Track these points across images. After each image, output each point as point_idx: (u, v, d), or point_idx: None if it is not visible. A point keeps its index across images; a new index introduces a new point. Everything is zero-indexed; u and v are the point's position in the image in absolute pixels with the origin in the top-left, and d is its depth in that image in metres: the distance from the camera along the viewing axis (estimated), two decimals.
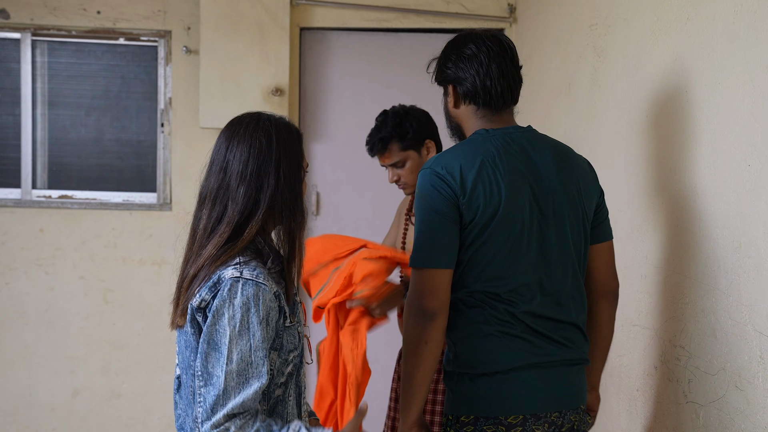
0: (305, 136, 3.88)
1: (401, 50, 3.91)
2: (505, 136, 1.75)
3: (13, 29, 3.79)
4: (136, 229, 3.84)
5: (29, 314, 3.81)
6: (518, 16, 3.81)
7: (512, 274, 1.68)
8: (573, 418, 1.75)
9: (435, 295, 1.66)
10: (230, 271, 1.47)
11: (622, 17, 2.41)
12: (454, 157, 1.71)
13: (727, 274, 1.71)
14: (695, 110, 1.89)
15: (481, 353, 1.70)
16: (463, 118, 1.84)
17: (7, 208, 3.79)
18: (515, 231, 1.68)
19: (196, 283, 1.50)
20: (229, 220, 1.51)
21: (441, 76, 1.87)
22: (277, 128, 1.57)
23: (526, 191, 1.70)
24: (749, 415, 1.62)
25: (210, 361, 1.44)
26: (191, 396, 1.55)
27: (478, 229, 1.67)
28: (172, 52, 3.83)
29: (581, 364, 1.78)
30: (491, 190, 1.67)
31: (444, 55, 1.86)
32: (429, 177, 1.70)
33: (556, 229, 1.73)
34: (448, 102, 1.86)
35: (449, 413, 1.75)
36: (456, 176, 1.67)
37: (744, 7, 1.67)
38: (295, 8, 3.77)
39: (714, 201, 1.79)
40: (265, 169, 1.52)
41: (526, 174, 1.71)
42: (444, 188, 1.67)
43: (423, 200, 1.69)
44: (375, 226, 3.89)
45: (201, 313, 1.48)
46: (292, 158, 1.56)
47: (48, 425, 3.84)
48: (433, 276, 1.66)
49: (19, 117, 3.82)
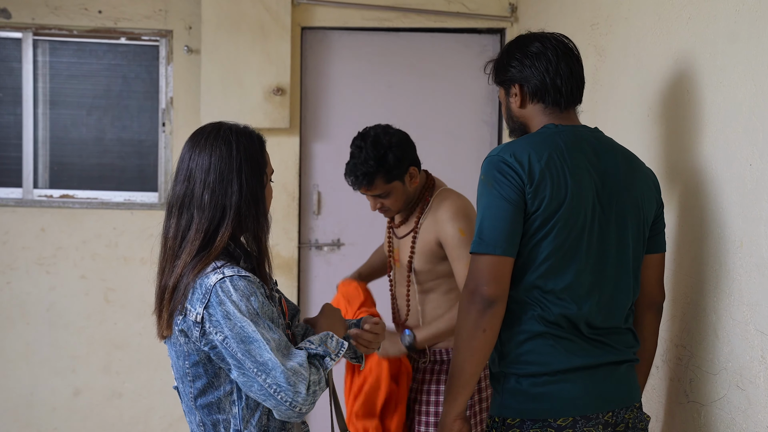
0: (306, 136, 3.88)
1: (402, 50, 3.91)
2: (574, 133, 1.73)
3: (14, 29, 3.80)
4: (137, 229, 3.85)
5: (30, 314, 3.81)
6: (519, 15, 3.81)
7: (569, 273, 1.66)
8: (628, 417, 1.73)
9: (497, 282, 1.62)
10: (212, 276, 1.51)
11: (624, 16, 2.40)
12: (524, 147, 1.67)
13: (729, 273, 1.71)
14: (696, 110, 1.89)
15: (530, 354, 1.67)
16: (529, 117, 1.81)
17: (9, 208, 3.80)
18: (576, 228, 1.65)
19: (178, 294, 1.53)
20: (197, 227, 1.55)
21: (504, 75, 1.82)
22: (237, 136, 1.60)
23: (591, 190, 1.68)
24: (751, 414, 1.62)
25: (253, 354, 1.46)
26: (192, 402, 1.59)
27: (540, 220, 1.64)
28: (173, 52, 3.83)
29: (630, 362, 1.76)
30: (558, 183, 1.64)
31: (507, 54, 1.82)
32: (496, 164, 1.66)
33: (617, 232, 1.70)
34: (512, 102, 1.82)
35: (495, 415, 1.72)
36: (525, 165, 1.64)
37: (745, 7, 1.67)
38: (296, 8, 3.77)
39: (715, 200, 1.78)
40: (227, 175, 1.56)
41: (592, 173, 1.69)
42: (512, 175, 1.64)
43: (489, 186, 1.65)
44: (375, 226, 3.89)
45: (198, 326, 1.50)
46: (253, 164, 1.60)
47: (49, 425, 3.84)
48: (497, 263, 1.62)
49: (21, 116, 3.82)
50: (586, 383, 1.67)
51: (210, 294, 1.49)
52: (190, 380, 1.57)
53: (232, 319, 1.47)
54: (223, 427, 1.57)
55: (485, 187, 1.67)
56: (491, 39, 3.95)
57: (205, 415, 1.58)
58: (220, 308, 1.48)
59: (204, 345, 1.51)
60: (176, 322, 1.53)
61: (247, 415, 1.55)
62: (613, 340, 1.72)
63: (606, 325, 1.71)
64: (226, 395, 1.56)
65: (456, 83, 3.93)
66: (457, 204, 2.38)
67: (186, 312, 1.51)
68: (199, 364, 1.55)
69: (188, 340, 1.53)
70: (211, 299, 1.49)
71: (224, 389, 1.56)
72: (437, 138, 3.92)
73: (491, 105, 3.96)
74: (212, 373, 1.55)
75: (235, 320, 1.47)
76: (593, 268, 1.68)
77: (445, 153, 3.92)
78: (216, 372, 1.55)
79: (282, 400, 1.46)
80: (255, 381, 1.46)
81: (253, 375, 1.46)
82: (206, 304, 1.49)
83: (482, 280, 1.62)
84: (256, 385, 1.47)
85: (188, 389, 1.58)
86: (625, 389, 1.74)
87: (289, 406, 1.46)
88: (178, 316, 1.52)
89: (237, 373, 1.48)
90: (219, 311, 1.48)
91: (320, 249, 3.92)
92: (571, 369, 1.66)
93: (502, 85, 1.85)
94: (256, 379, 1.46)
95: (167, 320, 1.55)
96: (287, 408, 1.47)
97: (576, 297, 1.67)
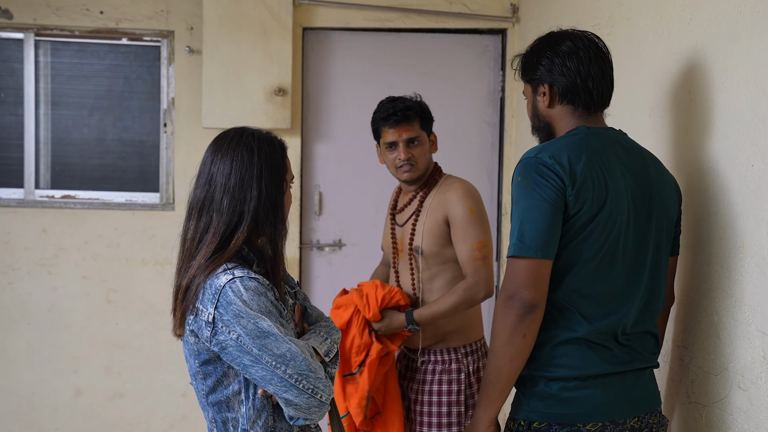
0: (308, 136, 3.88)
1: (404, 50, 3.91)
2: (606, 136, 1.70)
3: (16, 29, 3.80)
4: (138, 229, 3.85)
5: (32, 314, 3.82)
6: (521, 16, 3.81)
7: (608, 277, 1.63)
8: (652, 421, 1.73)
9: (538, 286, 1.58)
10: (223, 277, 1.53)
11: (625, 17, 2.40)
12: (560, 149, 1.63)
13: (730, 274, 1.71)
14: (698, 110, 1.89)
15: (562, 358, 1.64)
16: (556, 118, 1.76)
17: (10, 208, 3.80)
18: (614, 232, 1.63)
19: (190, 294, 1.56)
20: (215, 230, 1.58)
21: (533, 73, 1.77)
22: (259, 142, 1.63)
23: (626, 193, 1.65)
24: (752, 415, 1.62)
25: (270, 347, 1.50)
26: (204, 399, 1.62)
27: (580, 223, 1.61)
28: (174, 52, 3.84)
29: (652, 368, 1.76)
30: (599, 185, 1.61)
31: (537, 52, 1.76)
32: (534, 165, 1.61)
33: (651, 235, 1.68)
34: (539, 101, 1.77)
35: (520, 418, 1.69)
36: (565, 166, 1.60)
37: (747, 7, 1.67)
38: (297, 8, 3.77)
39: (717, 201, 1.78)
40: (247, 181, 1.59)
41: (626, 175, 1.67)
42: (552, 177, 1.59)
43: (528, 188, 1.60)
44: (377, 226, 3.89)
45: (210, 326, 1.53)
46: (273, 171, 1.62)
47: (51, 425, 3.84)
48: (538, 266, 1.58)
49: (22, 117, 3.83)
50: (616, 389, 1.66)
51: (219, 294, 1.51)
52: (201, 378, 1.60)
53: (245, 317, 1.49)
54: (231, 425, 1.60)
55: (523, 189, 1.61)
56: (493, 39, 3.95)
57: (216, 413, 1.61)
58: (231, 308, 1.50)
59: (213, 345, 1.53)
60: (188, 322, 1.56)
61: (253, 416, 1.57)
62: (640, 345, 1.71)
63: (637, 330, 1.70)
64: (235, 394, 1.58)
65: (457, 84, 3.93)
66: (466, 185, 2.45)
67: (197, 312, 1.54)
68: (209, 363, 1.58)
69: (198, 339, 1.56)
70: (220, 299, 1.51)
71: (233, 388, 1.58)
72: (438, 138, 3.91)
73: (492, 106, 3.96)
74: (221, 372, 1.58)
75: (248, 318, 1.49)
76: (630, 271, 1.66)
77: (446, 153, 3.91)
78: (225, 371, 1.57)
79: (305, 388, 1.49)
80: (274, 374, 1.49)
81: (272, 368, 1.49)
82: (216, 305, 1.51)
83: (522, 284, 1.58)
84: (275, 378, 1.49)
85: (200, 386, 1.62)
86: (650, 394, 1.73)
87: (312, 393, 1.50)
88: (190, 315, 1.55)
89: (255, 369, 1.50)
90: (229, 311, 1.50)
91: (321, 249, 3.92)
92: (603, 374, 1.65)
93: (530, 82, 1.80)
94: (275, 372, 1.49)
95: (180, 319, 1.58)
96: (309, 396, 1.50)
97: (614, 301, 1.64)
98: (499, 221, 3.96)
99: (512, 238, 1.61)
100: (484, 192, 3.96)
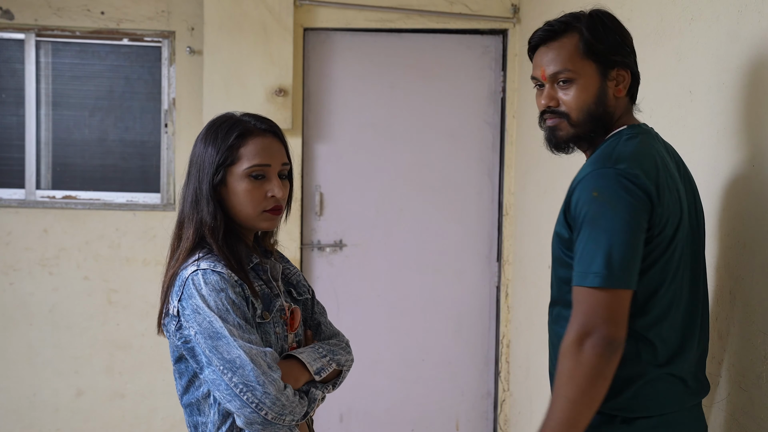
0: (309, 137, 3.88)
1: (405, 51, 3.91)
2: (652, 135, 1.55)
3: (17, 30, 3.80)
4: (139, 230, 3.85)
5: (33, 314, 3.82)
6: (522, 16, 3.81)
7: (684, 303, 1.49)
8: None
9: (622, 321, 1.37)
10: (189, 268, 1.48)
11: (626, 17, 2.40)
12: (636, 156, 1.43)
13: (732, 274, 1.71)
14: (699, 110, 1.89)
15: (644, 398, 1.46)
16: (620, 111, 1.57)
17: (11, 209, 3.80)
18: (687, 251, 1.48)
19: (164, 287, 1.52)
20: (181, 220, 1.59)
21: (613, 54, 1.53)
22: (207, 129, 1.58)
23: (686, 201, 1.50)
24: (753, 415, 1.61)
25: (221, 350, 1.40)
26: (180, 399, 1.55)
27: (665, 244, 1.43)
28: (175, 53, 3.84)
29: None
30: (675, 197, 1.44)
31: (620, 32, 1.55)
32: (615, 178, 1.40)
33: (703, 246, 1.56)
34: (610, 87, 1.54)
35: None
36: (651, 178, 1.41)
37: (748, 8, 1.67)
38: (298, 9, 3.77)
39: (718, 201, 1.78)
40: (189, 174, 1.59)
41: (684, 182, 1.53)
42: (637, 194, 1.39)
43: (610, 206, 1.38)
44: (377, 227, 3.89)
45: (176, 320, 1.47)
46: (203, 161, 1.54)
47: (52, 425, 3.85)
48: (624, 299, 1.37)
49: (23, 117, 3.83)
50: (691, 422, 1.55)
51: (183, 286, 1.46)
52: (177, 377, 1.54)
53: (201, 313, 1.42)
54: (201, 430, 1.52)
55: (605, 207, 1.39)
56: (493, 40, 3.95)
57: (188, 416, 1.54)
58: (191, 302, 1.43)
59: (178, 339, 1.46)
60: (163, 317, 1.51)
61: (218, 421, 1.48)
62: (703, 373, 1.59)
63: (703, 351, 1.58)
64: (204, 397, 1.50)
65: (458, 84, 3.94)
66: None
67: (168, 305, 1.49)
68: (181, 360, 1.51)
69: (169, 335, 1.50)
70: (184, 292, 1.45)
71: (202, 390, 1.50)
72: (439, 139, 3.92)
73: (493, 106, 3.96)
74: (192, 372, 1.50)
75: (204, 315, 1.41)
76: (690, 290, 1.52)
77: (447, 154, 3.93)
78: (195, 371, 1.49)
79: (248, 400, 1.37)
80: (222, 380, 1.39)
81: (220, 373, 1.39)
82: (180, 297, 1.45)
83: (604, 318, 1.36)
84: (223, 384, 1.39)
85: (177, 386, 1.55)
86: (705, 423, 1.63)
87: (255, 408, 1.37)
88: (165, 310, 1.51)
89: (207, 371, 1.42)
90: (189, 305, 1.43)
91: (322, 250, 3.92)
92: (682, 409, 1.51)
93: (602, 63, 1.54)
94: (222, 377, 1.39)
95: (158, 315, 1.54)
96: (251, 411, 1.37)
97: (691, 331, 1.51)
98: (499, 221, 3.96)
99: (593, 266, 1.38)
100: (484, 192, 3.97)
